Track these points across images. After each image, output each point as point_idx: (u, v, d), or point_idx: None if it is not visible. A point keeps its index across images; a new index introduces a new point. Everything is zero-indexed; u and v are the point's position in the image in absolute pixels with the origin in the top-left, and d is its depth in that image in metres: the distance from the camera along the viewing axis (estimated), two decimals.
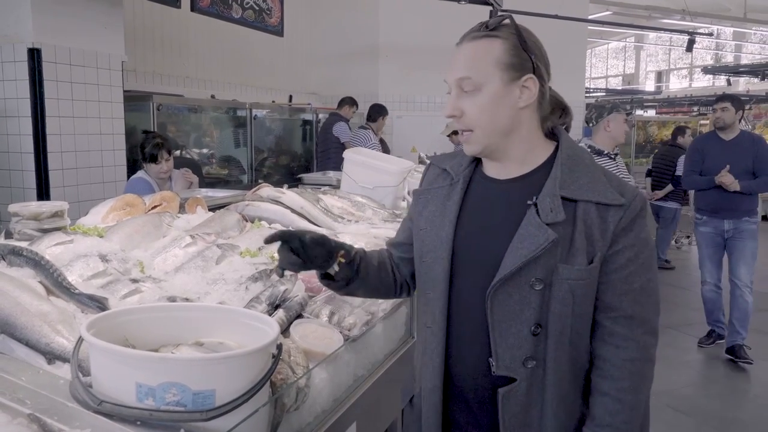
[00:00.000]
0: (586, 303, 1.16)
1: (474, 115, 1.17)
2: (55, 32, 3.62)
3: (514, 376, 1.16)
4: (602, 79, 25.32)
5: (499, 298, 1.14)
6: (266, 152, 6.70)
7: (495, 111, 1.16)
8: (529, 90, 1.17)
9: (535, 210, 1.14)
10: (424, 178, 1.38)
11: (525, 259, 1.11)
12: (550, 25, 7.12)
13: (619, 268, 1.15)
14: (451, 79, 1.19)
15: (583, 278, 1.13)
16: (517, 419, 1.17)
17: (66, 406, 1.04)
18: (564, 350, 1.16)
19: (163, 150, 3.40)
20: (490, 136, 1.18)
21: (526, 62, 1.16)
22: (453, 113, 1.19)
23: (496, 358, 1.15)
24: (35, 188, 3.60)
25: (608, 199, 1.14)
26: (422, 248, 1.27)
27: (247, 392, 1.03)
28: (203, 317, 1.26)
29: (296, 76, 8.13)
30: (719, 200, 4.26)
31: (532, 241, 1.12)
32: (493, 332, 1.15)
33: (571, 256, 1.13)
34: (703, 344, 4.50)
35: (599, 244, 1.14)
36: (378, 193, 3.00)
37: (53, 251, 1.64)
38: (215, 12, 4.99)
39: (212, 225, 2.10)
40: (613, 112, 3.57)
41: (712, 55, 21.17)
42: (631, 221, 1.15)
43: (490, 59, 1.15)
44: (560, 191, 1.14)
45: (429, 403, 1.25)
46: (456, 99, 1.18)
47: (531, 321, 1.14)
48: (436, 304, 1.23)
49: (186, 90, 6.11)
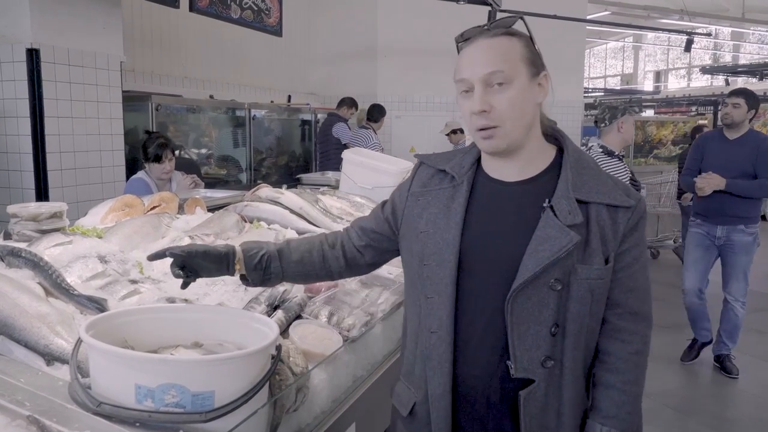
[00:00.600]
0: (601, 301, 1.19)
1: (504, 109, 1.15)
2: (53, 32, 3.62)
3: (532, 377, 1.16)
4: (601, 79, 25.34)
5: (519, 301, 1.14)
6: (265, 152, 6.70)
7: (523, 105, 1.17)
8: (543, 87, 1.20)
9: (551, 212, 1.15)
10: (414, 177, 1.35)
11: (548, 261, 1.12)
12: (548, 25, 7.14)
13: (626, 266, 1.20)
14: (478, 74, 1.15)
15: (602, 277, 1.17)
16: (536, 420, 1.17)
17: (65, 408, 1.04)
18: (580, 349, 1.19)
19: (167, 150, 3.41)
20: (517, 131, 1.18)
21: (539, 59, 1.19)
22: (484, 108, 1.15)
23: (514, 360, 1.15)
24: (34, 189, 3.59)
25: (618, 201, 1.18)
26: (423, 251, 1.25)
27: (247, 393, 1.03)
28: (202, 318, 1.26)
29: (295, 76, 8.13)
30: (711, 202, 3.87)
31: (554, 243, 1.13)
32: (512, 335, 1.15)
33: (588, 257, 1.15)
34: (685, 360, 4.17)
35: (611, 244, 1.17)
36: (377, 193, 3.00)
37: (52, 252, 1.64)
38: (214, 12, 4.99)
39: (211, 226, 2.10)
40: (626, 113, 3.47)
41: (711, 55, 21.19)
42: (637, 222, 1.20)
43: (517, 54, 1.16)
44: (573, 193, 1.17)
45: (438, 409, 1.22)
46: (484, 94, 1.15)
47: (549, 321, 1.15)
48: (442, 308, 1.21)
49: (185, 90, 6.11)
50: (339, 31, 8.24)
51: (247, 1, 5.32)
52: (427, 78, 7.78)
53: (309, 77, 8.42)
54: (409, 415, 1.31)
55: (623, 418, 1.20)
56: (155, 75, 5.92)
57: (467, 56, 1.19)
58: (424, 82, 7.97)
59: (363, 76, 8.16)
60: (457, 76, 1.19)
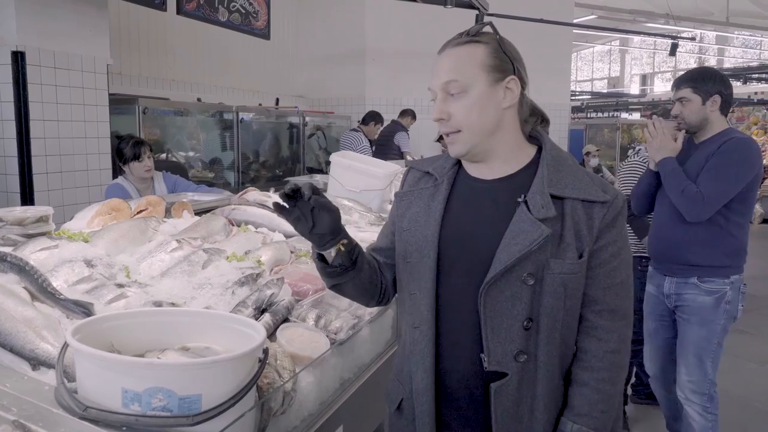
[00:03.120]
0: (576, 297, 1.20)
1: (461, 116, 1.20)
2: (39, 35, 3.60)
3: (505, 370, 1.17)
4: (588, 82, 25.54)
5: (492, 294, 1.16)
6: (253, 155, 6.68)
7: (481, 111, 1.20)
8: (512, 91, 1.21)
9: (525, 207, 1.17)
10: (404, 182, 1.39)
11: (519, 255, 1.14)
12: (535, 29, 7.20)
13: (603, 263, 1.20)
14: (436, 84, 1.22)
15: (575, 272, 1.17)
16: (509, 414, 1.19)
17: (51, 413, 1.04)
18: (555, 344, 1.19)
19: (144, 146, 3.37)
20: (476, 136, 1.21)
21: (507, 64, 1.21)
22: (441, 116, 1.21)
23: (487, 353, 1.17)
24: (19, 192, 3.56)
25: (593, 196, 1.19)
26: (406, 248, 1.28)
27: (234, 397, 1.03)
28: (189, 322, 1.26)
29: (283, 79, 8.13)
30: (652, 238, 2.65)
31: (525, 237, 1.14)
32: (485, 328, 1.17)
33: (562, 251, 1.16)
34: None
35: (587, 239, 1.18)
36: (365, 196, 3.00)
37: (38, 256, 1.64)
38: (201, 15, 4.97)
39: (198, 229, 2.10)
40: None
41: (696, 58, 21.43)
42: (614, 218, 1.20)
43: (474, 62, 1.19)
44: (548, 189, 1.18)
45: (422, 404, 1.25)
46: (442, 103, 1.21)
47: (522, 316, 1.16)
48: (423, 303, 1.24)
49: (172, 93, 6.09)
50: (327, 34, 8.25)
51: (235, 4, 5.31)
52: (416, 81, 7.79)
53: (297, 80, 8.42)
54: (397, 410, 1.33)
55: (596, 416, 1.20)
56: (142, 78, 5.89)
57: (435, 65, 1.24)
58: (412, 85, 7.97)
59: (351, 79, 8.17)
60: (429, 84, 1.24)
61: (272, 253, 1.95)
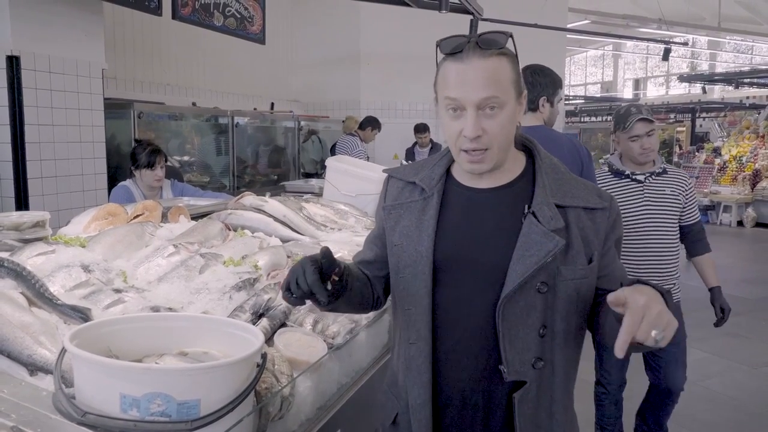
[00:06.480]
0: (587, 300, 1.22)
1: (496, 133, 1.16)
2: (34, 40, 3.60)
3: (524, 379, 1.18)
4: (581, 86, 25.63)
5: (507, 306, 1.16)
6: (248, 160, 6.68)
7: (510, 128, 1.19)
8: (522, 106, 1.21)
9: (534, 218, 1.17)
10: (386, 192, 1.36)
11: (536, 266, 1.14)
12: (529, 34, 7.21)
13: (612, 261, 1.25)
14: (472, 98, 1.13)
15: (586, 276, 1.20)
16: (530, 420, 1.20)
17: (49, 419, 1.03)
18: (570, 347, 1.22)
19: (160, 155, 3.39)
20: (503, 153, 1.20)
21: (522, 78, 1.21)
22: (479, 134, 1.14)
23: (506, 365, 1.17)
24: (14, 197, 3.55)
25: (593, 203, 1.22)
26: (398, 263, 1.27)
27: (232, 402, 1.03)
28: (187, 327, 1.26)
29: (278, 83, 8.13)
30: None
31: (540, 248, 1.15)
32: (504, 340, 1.17)
33: (571, 258, 1.18)
34: None
35: (594, 244, 1.21)
36: (360, 200, 3.00)
37: (35, 262, 1.63)
38: (197, 20, 4.97)
39: (195, 234, 2.10)
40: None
41: (688, 63, 21.57)
42: (614, 221, 1.24)
43: (506, 77, 1.16)
44: (552, 199, 1.19)
45: (419, 419, 1.24)
46: (477, 119, 1.14)
47: (537, 324, 1.17)
48: (420, 319, 1.23)
49: (167, 98, 6.09)
50: (322, 39, 8.27)
51: (230, 9, 5.31)
52: (410, 85, 7.83)
53: (292, 84, 8.43)
54: (392, 424, 1.32)
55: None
56: (137, 82, 5.89)
57: (459, 75, 1.15)
58: (406, 89, 8.01)
59: (346, 83, 8.19)
60: (446, 92, 1.17)
61: (269, 257, 1.95)
